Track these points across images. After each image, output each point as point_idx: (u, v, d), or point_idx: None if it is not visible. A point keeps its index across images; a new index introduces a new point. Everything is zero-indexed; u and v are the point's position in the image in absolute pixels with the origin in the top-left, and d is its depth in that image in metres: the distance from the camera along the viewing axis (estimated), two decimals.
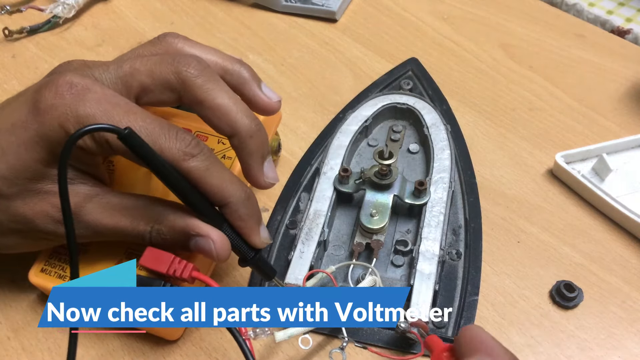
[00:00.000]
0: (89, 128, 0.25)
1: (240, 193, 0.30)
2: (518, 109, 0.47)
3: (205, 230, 0.30)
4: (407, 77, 0.49)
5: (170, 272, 0.31)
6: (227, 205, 0.30)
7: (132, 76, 0.30)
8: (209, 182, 0.29)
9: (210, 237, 0.29)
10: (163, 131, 0.28)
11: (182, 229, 0.30)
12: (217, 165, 0.29)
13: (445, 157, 0.41)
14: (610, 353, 0.34)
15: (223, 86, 0.31)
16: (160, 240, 0.30)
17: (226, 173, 0.30)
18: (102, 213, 0.30)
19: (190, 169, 0.28)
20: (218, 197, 0.29)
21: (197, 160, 0.28)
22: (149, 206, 0.31)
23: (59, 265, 0.34)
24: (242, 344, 0.29)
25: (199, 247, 0.30)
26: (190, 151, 0.28)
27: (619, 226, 0.39)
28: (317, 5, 0.56)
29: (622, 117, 0.46)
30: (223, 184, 0.29)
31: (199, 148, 0.29)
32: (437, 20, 0.56)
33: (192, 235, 0.30)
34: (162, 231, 0.30)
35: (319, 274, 0.35)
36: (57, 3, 0.55)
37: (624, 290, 0.36)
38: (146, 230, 0.30)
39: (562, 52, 0.52)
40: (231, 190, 0.29)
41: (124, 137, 0.26)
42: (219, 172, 0.29)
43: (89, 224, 0.30)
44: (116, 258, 0.34)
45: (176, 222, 0.30)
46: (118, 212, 0.30)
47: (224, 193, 0.29)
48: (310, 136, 0.45)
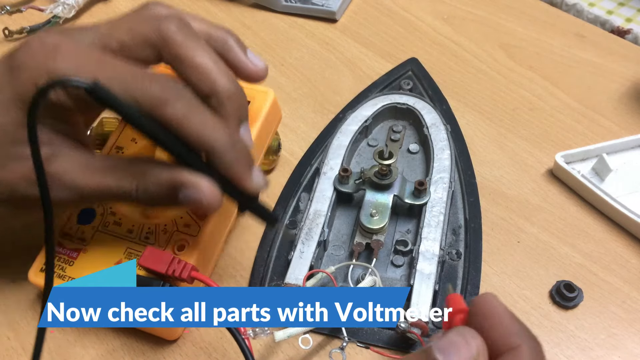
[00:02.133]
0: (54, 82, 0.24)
1: (224, 138, 0.28)
2: (518, 109, 0.47)
3: (192, 180, 0.28)
4: (407, 77, 0.49)
5: (170, 272, 0.31)
6: (212, 152, 0.28)
7: (111, 35, 0.30)
8: (189, 128, 0.27)
9: (198, 187, 0.28)
10: (136, 79, 0.27)
11: (167, 182, 0.29)
12: (197, 109, 0.28)
13: (445, 157, 0.41)
14: (610, 353, 0.34)
15: (204, 45, 0.30)
16: (147, 198, 0.29)
17: (208, 117, 0.28)
18: (84, 174, 0.29)
19: (167, 116, 0.27)
20: (201, 144, 0.28)
21: (174, 106, 0.27)
22: (132, 164, 0.30)
23: (58, 264, 0.34)
24: (241, 343, 0.29)
25: (188, 199, 0.28)
26: (165, 97, 0.27)
27: (619, 226, 0.39)
28: (317, 5, 0.56)
29: (622, 117, 0.46)
30: (205, 129, 0.27)
31: (174, 92, 0.27)
32: (437, 20, 0.56)
33: (179, 187, 0.28)
34: (148, 187, 0.29)
35: (319, 274, 0.35)
36: (57, 3, 0.55)
37: (624, 290, 0.36)
38: (132, 189, 0.29)
39: (562, 52, 0.52)
40: (214, 135, 0.28)
41: (91, 90, 0.25)
42: (200, 116, 0.27)
43: (71, 185, 0.29)
44: (116, 258, 0.34)
45: (161, 176, 0.29)
46: (100, 172, 0.29)
47: (207, 139, 0.27)
48: (310, 136, 0.45)
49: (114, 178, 0.29)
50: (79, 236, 0.35)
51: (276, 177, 0.43)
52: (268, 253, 0.38)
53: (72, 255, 0.34)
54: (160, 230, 0.34)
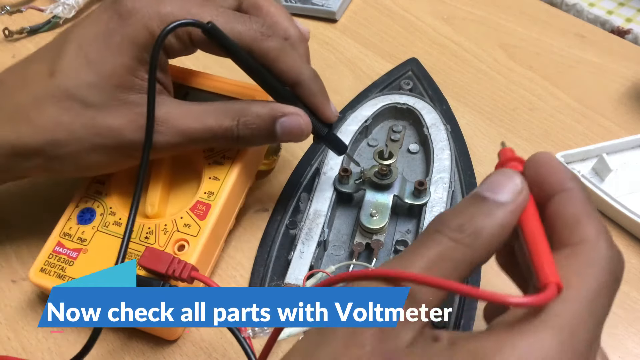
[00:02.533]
0: (178, 23, 0.28)
1: (310, 70, 0.32)
2: (518, 109, 0.47)
3: (290, 109, 0.32)
4: (407, 77, 0.49)
5: (170, 272, 0.31)
6: (300, 83, 0.32)
7: None
8: (285, 60, 0.31)
9: (297, 114, 0.32)
10: (237, 17, 0.31)
11: (267, 114, 0.32)
12: (288, 45, 0.32)
13: (445, 157, 0.41)
14: (610, 353, 0.34)
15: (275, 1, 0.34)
16: (248, 132, 0.32)
17: (296, 53, 0.32)
18: (189, 118, 0.32)
19: (268, 49, 0.31)
20: (292, 75, 0.32)
21: (273, 40, 0.31)
22: (230, 104, 0.33)
23: (58, 265, 0.34)
24: (242, 343, 0.29)
25: (286, 127, 0.32)
26: (265, 31, 0.31)
27: (619, 226, 0.39)
28: (317, 5, 0.56)
29: (622, 117, 0.46)
30: (296, 62, 0.32)
31: (271, 29, 0.31)
32: (437, 20, 0.56)
33: (278, 117, 0.32)
34: (249, 121, 0.32)
35: (319, 274, 0.35)
36: (57, 3, 0.55)
37: (623, 290, 0.36)
38: (233, 125, 0.32)
39: (562, 52, 0.52)
40: (303, 68, 0.32)
41: (208, 30, 0.29)
42: (292, 51, 0.32)
43: (179, 128, 0.31)
44: (113, 261, 0.34)
45: (261, 110, 0.32)
46: (202, 114, 0.32)
47: (298, 70, 0.32)
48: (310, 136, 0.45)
49: (216, 119, 0.32)
50: (79, 236, 0.35)
51: (276, 177, 0.43)
52: (268, 253, 0.38)
53: (72, 255, 0.34)
54: (160, 230, 0.34)
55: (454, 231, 0.21)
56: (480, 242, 0.21)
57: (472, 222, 0.21)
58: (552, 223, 0.21)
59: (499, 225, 0.21)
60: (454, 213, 0.22)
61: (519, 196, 0.21)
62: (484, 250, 0.21)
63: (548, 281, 0.18)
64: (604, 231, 0.21)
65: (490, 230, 0.21)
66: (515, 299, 0.18)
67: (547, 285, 0.18)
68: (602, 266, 0.20)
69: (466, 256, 0.20)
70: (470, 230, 0.21)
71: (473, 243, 0.20)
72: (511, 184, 0.21)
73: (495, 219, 0.21)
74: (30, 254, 0.35)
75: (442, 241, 0.21)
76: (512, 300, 0.18)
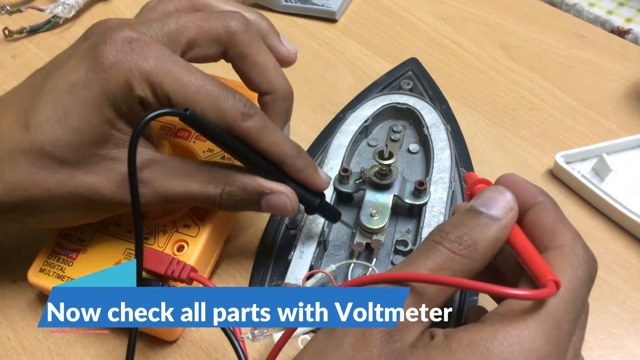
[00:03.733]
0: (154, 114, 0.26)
1: (293, 147, 0.31)
2: (518, 109, 0.47)
3: (277, 187, 0.31)
4: (407, 77, 0.49)
5: (169, 273, 0.31)
6: (285, 162, 0.31)
7: (180, 32, 0.30)
8: (266, 140, 0.29)
9: (283, 193, 0.31)
10: (222, 92, 0.29)
11: (254, 189, 0.31)
12: (270, 124, 0.30)
13: (445, 157, 0.41)
14: (610, 353, 0.34)
15: (263, 44, 0.32)
16: (231, 202, 0.31)
17: (278, 131, 0.30)
18: (171, 179, 0.30)
19: (248, 129, 0.29)
20: (276, 155, 0.30)
21: (254, 120, 0.29)
22: (216, 170, 0.31)
23: (57, 265, 0.34)
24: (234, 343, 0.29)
25: (272, 205, 0.31)
26: (247, 111, 0.29)
27: (619, 226, 0.39)
28: (317, 5, 0.56)
29: (622, 117, 0.46)
30: (278, 141, 0.30)
31: (254, 108, 0.29)
32: (437, 20, 0.56)
33: (265, 193, 0.31)
34: (234, 192, 0.31)
35: (319, 274, 0.34)
36: (57, 3, 0.55)
37: (624, 290, 0.36)
38: (217, 193, 0.30)
39: (562, 52, 0.52)
40: (286, 146, 0.30)
41: (187, 117, 0.27)
42: (273, 130, 0.30)
43: (161, 191, 0.30)
44: (115, 258, 0.34)
45: (248, 183, 0.31)
46: (186, 177, 0.30)
47: (281, 149, 0.30)
48: (310, 136, 0.45)
49: (200, 184, 0.30)
50: (79, 236, 0.35)
51: None
52: (268, 253, 0.38)
53: (71, 255, 0.34)
54: (160, 231, 0.34)
55: (453, 243, 0.23)
56: (476, 254, 0.23)
57: (470, 235, 0.23)
58: (532, 232, 0.24)
59: (494, 238, 0.23)
60: (452, 225, 0.24)
61: (511, 212, 0.24)
62: (480, 261, 0.23)
63: (547, 279, 0.21)
64: (579, 236, 0.24)
65: (486, 242, 0.23)
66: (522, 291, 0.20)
67: (547, 282, 0.20)
68: (580, 266, 0.23)
69: (464, 266, 0.22)
70: (468, 243, 0.23)
71: (470, 254, 0.22)
72: (504, 201, 0.24)
73: (491, 233, 0.23)
74: (30, 254, 0.35)
75: (442, 252, 0.23)
76: (519, 293, 0.20)
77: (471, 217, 0.24)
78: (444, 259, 0.22)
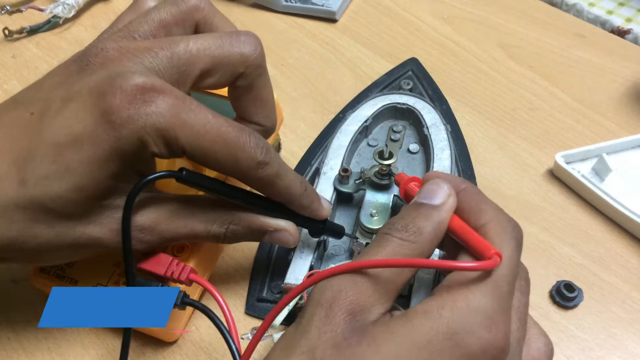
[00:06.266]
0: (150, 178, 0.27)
1: (301, 187, 0.31)
2: (518, 109, 0.47)
3: (281, 225, 0.32)
4: (407, 77, 0.49)
5: (168, 274, 0.31)
6: (291, 202, 0.31)
7: (191, 64, 0.28)
8: (278, 185, 0.30)
9: (287, 230, 0.32)
10: (239, 140, 0.27)
11: (258, 228, 0.31)
12: (283, 166, 0.30)
13: (445, 157, 0.41)
14: (610, 353, 0.34)
15: (267, 73, 0.32)
16: (234, 238, 0.31)
17: (290, 172, 0.30)
18: (175, 222, 0.30)
19: (262, 178, 0.29)
20: (286, 197, 0.31)
21: (270, 168, 0.29)
22: (218, 208, 0.31)
23: (57, 265, 0.34)
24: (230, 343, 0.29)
25: (275, 239, 0.32)
26: (263, 159, 0.28)
27: (619, 226, 0.39)
28: (317, 5, 0.56)
29: (622, 117, 0.46)
30: (290, 184, 0.30)
31: (269, 154, 0.29)
32: (437, 20, 0.56)
33: (268, 231, 0.32)
34: (238, 231, 0.31)
35: None
36: (57, 3, 0.55)
37: (624, 290, 0.36)
38: (221, 232, 0.31)
39: (562, 52, 0.52)
40: (295, 188, 0.31)
41: (184, 179, 0.28)
42: (285, 173, 0.30)
43: (164, 235, 0.30)
44: (115, 259, 0.34)
45: (253, 222, 0.31)
46: (189, 218, 0.30)
47: (291, 192, 0.31)
48: (310, 136, 0.45)
49: (204, 224, 0.30)
50: None
51: None
52: (268, 253, 0.38)
53: None
54: None
55: (400, 231, 0.25)
56: (422, 238, 0.25)
57: (414, 223, 0.25)
58: (461, 215, 0.26)
59: (436, 222, 0.25)
60: (398, 218, 0.26)
61: (449, 199, 0.26)
62: (427, 244, 0.25)
63: (491, 253, 0.23)
64: (500, 209, 0.26)
65: (429, 227, 0.25)
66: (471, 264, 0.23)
67: (491, 255, 0.23)
68: (508, 234, 0.25)
69: (413, 251, 0.25)
70: (414, 230, 0.25)
71: (417, 239, 0.25)
72: (442, 191, 0.26)
73: (433, 218, 0.25)
74: None
75: (391, 240, 0.25)
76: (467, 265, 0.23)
77: (415, 208, 0.26)
78: (394, 246, 0.24)
